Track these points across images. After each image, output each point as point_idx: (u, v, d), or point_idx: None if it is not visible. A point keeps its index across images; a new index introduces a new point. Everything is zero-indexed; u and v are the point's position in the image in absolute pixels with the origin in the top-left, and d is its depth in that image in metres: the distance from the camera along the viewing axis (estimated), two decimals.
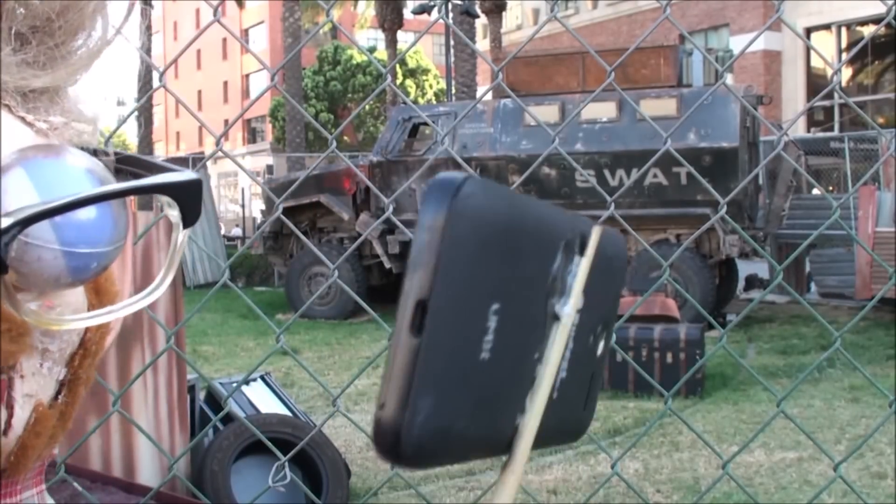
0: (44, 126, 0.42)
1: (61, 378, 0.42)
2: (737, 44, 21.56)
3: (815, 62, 22.77)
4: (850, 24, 22.50)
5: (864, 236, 9.12)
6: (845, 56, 21.88)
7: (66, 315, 0.40)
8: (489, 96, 10.95)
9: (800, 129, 20.72)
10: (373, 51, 33.35)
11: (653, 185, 9.33)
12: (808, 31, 22.44)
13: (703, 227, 2.22)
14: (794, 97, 22.81)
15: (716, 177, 8.04)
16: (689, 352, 6.45)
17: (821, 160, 13.51)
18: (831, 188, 14.07)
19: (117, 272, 0.45)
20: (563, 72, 10.25)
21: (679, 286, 2.17)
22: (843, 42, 22.93)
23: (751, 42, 2.05)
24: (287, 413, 4.14)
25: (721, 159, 8.87)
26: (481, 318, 0.36)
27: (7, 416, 0.40)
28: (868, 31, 21.21)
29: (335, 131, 1.85)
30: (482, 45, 24.49)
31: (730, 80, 19.69)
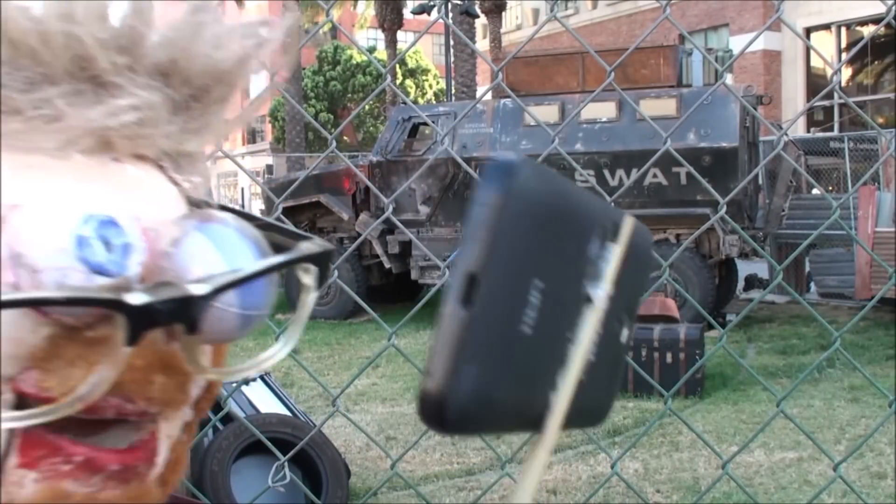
0: (187, 185, 0.45)
1: (188, 419, 0.46)
2: (736, 44, 21.55)
3: (815, 62, 22.76)
4: (850, 24, 22.49)
5: (864, 236, 9.11)
6: (845, 56, 21.88)
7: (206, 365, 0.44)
8: (489, 96, 10.95)
9: (799, 129, 20.72)
10: (372, 51, 33.35)
11: (652, 185, 9.32)
12: (808, 30, 22.43)
13: (703, 227, 2.22)
14: (793, 97, 22.81)
15: (715, 177, 8.03)
16: (689, 352, 6.45)
17: (820, 160, 13.50)
18: (831, 188, 14.07)
19: None
20: (563, 72, 10.25)
21: (679, 286, 2.17)
22: (843, 42, 22.93)
23: (750, 42, 2.05)
24: (287, 413, 4.14)
25: (721, 159, 8.87)
26: (525, 294, 0.37)
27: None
28: (868, 31, 21.20)
29: (335, 131, 1.85)
30: (482, 45, 24.48)
31: (729, 80, 19.69)
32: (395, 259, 10.50)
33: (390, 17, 22.01)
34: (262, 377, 4.33)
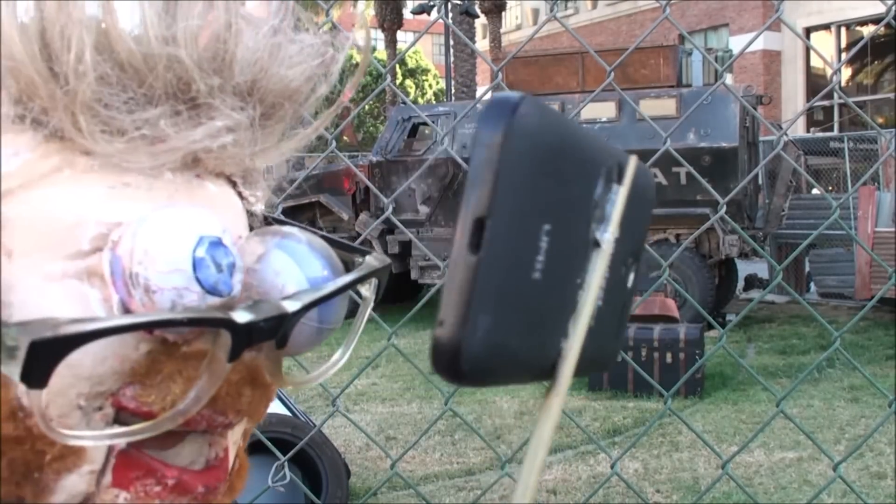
0: (252, 200, 0.47)
1: (246, 427, 0.48)
2: (736, 44, 21.56)
3: (815, 62, 22.77)
4: (850, 24, 22.50)
5: (864, 236, 9.11)
6: (845, 56, 21.89)
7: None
8: (489, 96, 10.94)
9: (799, 129, 20.72)
10: (372, 51, 33.32)
11: None
12: (808, 30, 22.44)
13: (703, 227, 2.22)
14: (793, 97, 22.82)
15: (715, 177, 8.03)
16: (689, 352, 6.45)
17: (820, 160, 13.50)
18: (831, 188, 14.07)
19: None
20: (563, 72, 10.25)
21: (678, 286, 2.17)
22: (843, 42, 22.94)
23: (750, 42, 2.05)
24: (286, 413, 4.14)
25: (720, 159, 8.87)
26: (535, 238, 0.36)
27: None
28: (867, 31, 21.20)
29: (334, 131, 1.85)
30: (481, 44, 24.49)
31: (729, 80, 19.69)
32: (395, 259, 10.50)
33: (390, 16, 22.02)
34: None
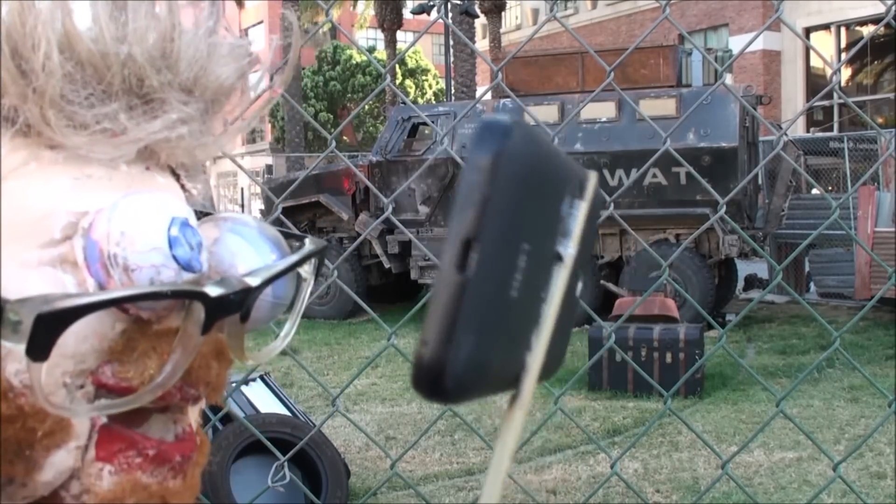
0: (193, 192, 0.50)
1: (202, 407, 0.49)
2: (736, 44, 21.55)
3: (815, 62, 22.77)
4: (850, 24, 22.49)
5: (864, 236, 9.12)
6: (845, 56, 21.88)
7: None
8: (488, 96, 10.95)
9: (799, 129, 20.72)
10: (372, 51, 33.34)
11: (652, 185, 9.32)
12: (808, 30, 22.43)
13: (703, 227, 2.22)
14: (793, 97, 22.81)
15: (715, 177, 8.03)
16: (689, 352, 6.45)
17: (820, 160, 13.50)
18: (830, 188, 14.07)
19: None
20: (563, 72, 10.25)
21: (678, 286, 2.17)
22: (843, 42, 22.93)
23: (750, 42, 2.05)
24: (286, 413, 4.14)
25: (720, 159, 8.87)
26: (515, 258, 0.37)
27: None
28: (867, 31, 21.20)
29: (334, 131, 1.85)
30: (481, 44, 24.48)
31: (729, 79, 19.69)
32: (395, 259, 10.50)
33: (390, 17, 22.01)
34: (261, 377, 4.33)
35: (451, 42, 18.21)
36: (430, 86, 35.09)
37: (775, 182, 10.32)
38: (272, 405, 4.16)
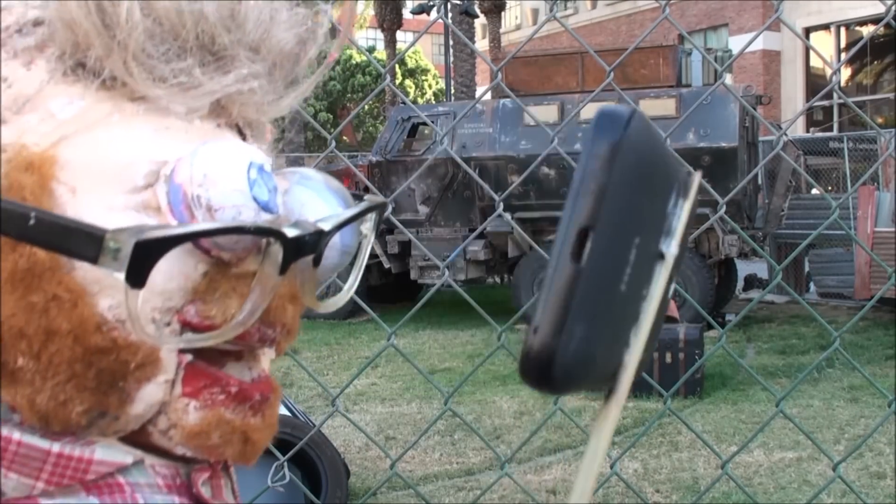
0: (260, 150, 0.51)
1: (272, 357, 0.52)
2: (736, 44, 21.55)
3: (815, 62, 22.77)
4: (850, 24, 22.50)
5: (864, 236, 9.11)
6: (844, 56, 21.89)
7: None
8: (488, 96, 10.94)
9: (799, 129, 20.72)
10: (372, 51, 33.33)
11: None
12: (808, 30, 22.43)
13: (702, 227, 2.22)
14: (793, 97, 22.81)
15: (715, 177, 8.03)
16: (689, 352, 6.45)
17: (820, 160, 13.50)
18: (830, 188, 14.07)
19: None
20: (563, 72, 10.25)
21: (678, 286, 2.17)
22: (843, 42, 22.93)
23: (750, 42, 2.05)
24: (286, 413, 4.14)
25: (720, 159, 8.87)
26: (628, 250, 0.37)
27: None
28: (867, 31, 21.20)
29: (334, 131, 1.85)
30: (481, 45, 24.48)
31: (729, 80, 19.69)
32: (395, 259, 10.50)
33: (389, 16, 22.00)
34: None
35: (451, 42, 18.21)
36: (429, 86, 35.09)
37: (775, 182, 10.32)
38: None
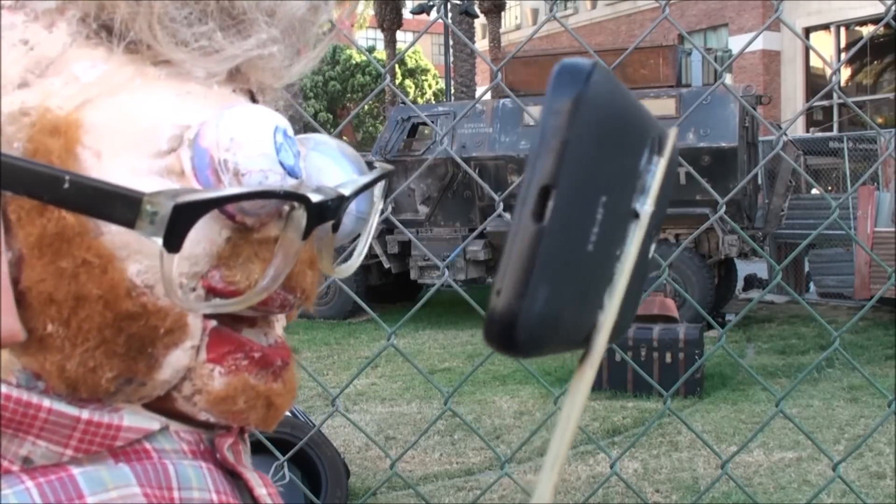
0: None
1: (284, 324, 0.52)
2: (736, 44, 21.55)
3: (814, 62, 22.77)
4: (849, 24, 22.50)
5: (863, 236, 9.11)
6: (844, 56, 21.88)
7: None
8: (488, 96, 10.94)
9: (799, 129, 20.72)
10: (372, 51, 33.33)
11: None
12: (807, 30, 22.43)
13: (702, 227, 2.22)
14: (793, 97, 22.81)
15: (715, 177, 8.03)
16: (688, 352, 6.45)
17: (820, 160, 13.50)
18: (830, 188, 14.07)
19: None
20: None
21: (678, 286, 2.17)
22: (842, 42, 22.93)
23: (750, 42, 2.05)
24: (286, 413, 4.14)
25: (720, 159, 8.87)
26: (594, 209, 0.36)
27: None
28: (867, 31, 21.20)
29: (334, 131, 1.85)
30: (481, 44, 24.48)
31: (729, 79, 19.68)
32: (395, 259, 10.50)
33: (389, 16, 21.99)
34: None
35: (451, 42, 18.20)
36: (429, 86, 35.09)
37: (775, 182, 10.32)
38: None
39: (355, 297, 1.93)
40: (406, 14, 22.58)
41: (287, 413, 2.13)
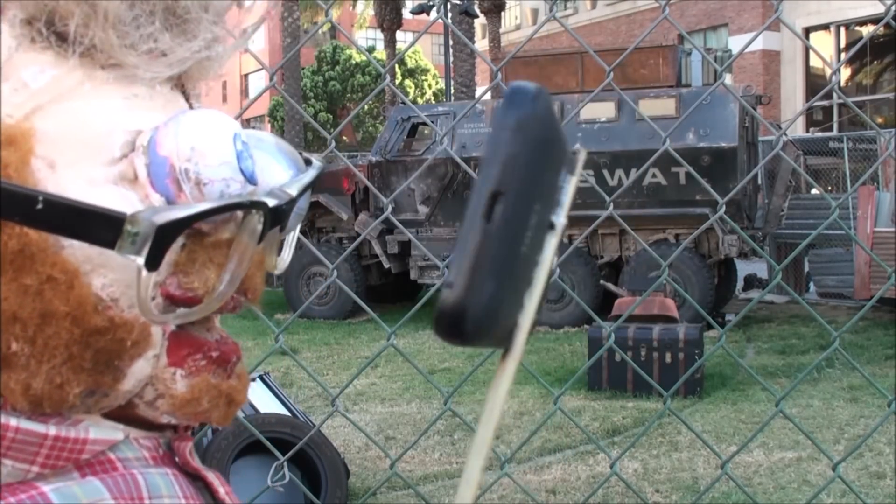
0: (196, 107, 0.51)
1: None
2: (735, 44, 21.55)
3: (814, 62, 22.76)
4: (849, 24, 22.49)
5: (863, 236, 9.11)
6: (844, 56, 21.88)
7: None
8: (488, 96, 10.94)
9: (798, 129, 20.72)
10: (372, 51, 33.32)
11: (652, 185, 9.32)
12: (807, 30, 22.43)
13: (702, 227, 2.22)
14: (792, 97, 22.81)
15: (715, 177, 8.03)
16: (688, 352, 6.45)
17: (819, 160, 13.50)
18: (830, 188, 14.07)
19: None
20: (562, 72, 10.25)
21: (678, 286, 2.17)
22: (842, 42, 22.93)
23: (749, 42, 2.05)
24: (286, 413, 4.14)
25: (720, 159, 8.87)
26: (529, 216, 0.40)
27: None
28: (867, 31, 21.20)
29: (334, 131, 1.85)
30: (481, 45, 24.47)
31: (728, 79, 19.69)
32: (395, 259, 10.50)
33: (389, 16, 21.99)
34: (261, 377, 4.33)
35: (451, 42, 18.20)
36: (429, 86, 35.08)
37: (775, 182, 10.32)
38: (272, 405, 4.16)
39: (355, 298, 1.93)
40: (406, 14, 22.58)
41: (287, 413, 2.14)
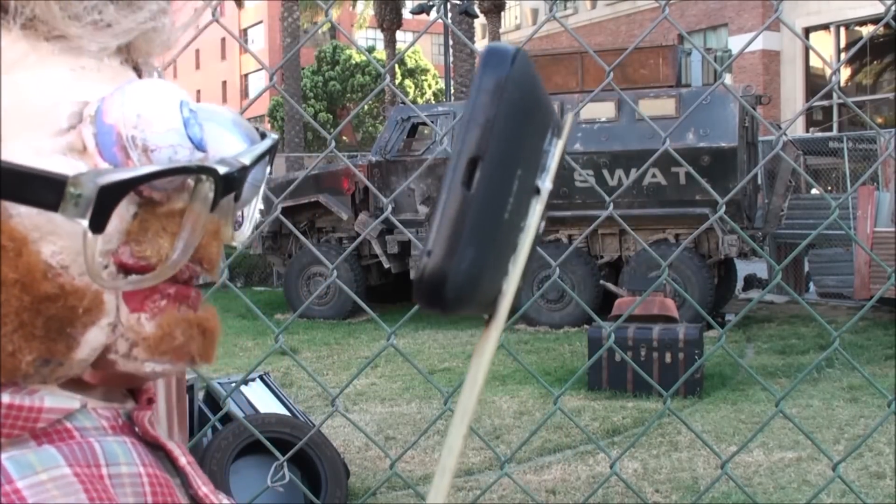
0: None
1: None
2: (735, 44, 21.55)
3: (814, 62, 22.77)
4: (849, 24, 22.50)
5: (863, 236, 9.11)
6: (844, 56, 21.89)
7: None
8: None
9: (798, 129, 20.72)
10: (371, 51, 33.31)
11: (652, 185, 9.32)
12: (807, 30, 22.43)
13: (702, 227, 2.22)
14: (792, 97, 22.81)
15: (714, 177, 8.03)
16: (688, 352, 6.45)
17: (819, 160, 13.50)
18: (830, 188, 14.07)
19: None
20: (562, 72, 10.25)
21: (678, 286, 2.17)
22: (842, 42, 22.93)
23: (749, 42, 2.05)
24: (286, 413, 4.14)
25: (720, 159, 8.87)
26: (511, 181, 0.39)
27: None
28: (867, 31, 21.21)
29: (334, 131, 1.85)
30: (481, 45, 24.47)
31: (728, 79, 19.69)
32: (395, 259, 10.50)
33: (389, 16, 21.99)
34: (260, 377, 4.33)
35: (451, 42, 18.21)
36: (429, 86, 35.08)
37: (775, 182, 10.32)
38: (271, 405, 4.16)
39: (355, 298, 1.93)
40: (406, 14, 22.58)
41: (287, 413, 2.15)
